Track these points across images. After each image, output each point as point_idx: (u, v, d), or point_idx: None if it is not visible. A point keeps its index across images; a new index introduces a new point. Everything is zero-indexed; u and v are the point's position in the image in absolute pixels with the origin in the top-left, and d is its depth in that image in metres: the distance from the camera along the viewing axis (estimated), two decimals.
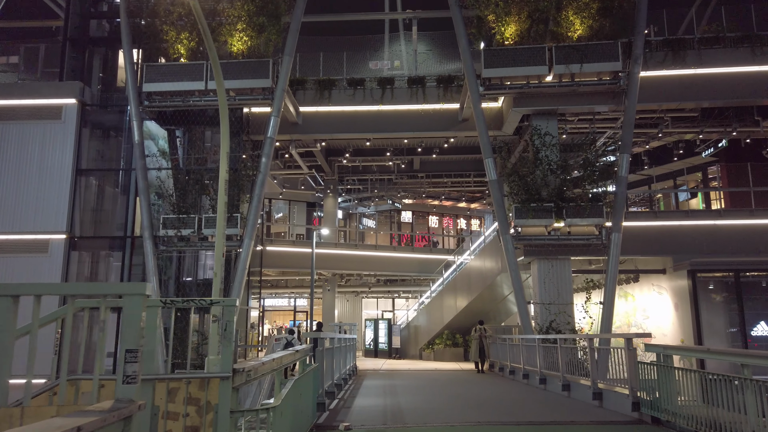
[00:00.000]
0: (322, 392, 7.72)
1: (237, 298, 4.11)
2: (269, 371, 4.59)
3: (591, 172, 16.92)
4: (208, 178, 18.57)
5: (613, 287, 16.28)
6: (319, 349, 7.55)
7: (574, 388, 10.67)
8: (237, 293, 17.32)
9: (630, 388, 7.90)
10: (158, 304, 3.51)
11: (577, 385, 10.53)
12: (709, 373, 5.95)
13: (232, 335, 3.41)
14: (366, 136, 21.22)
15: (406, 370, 19.09)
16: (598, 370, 9.46)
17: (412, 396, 11.32)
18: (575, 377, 10.74)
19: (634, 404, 7.75)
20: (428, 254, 28.23)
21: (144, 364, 3.47)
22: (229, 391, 3.43)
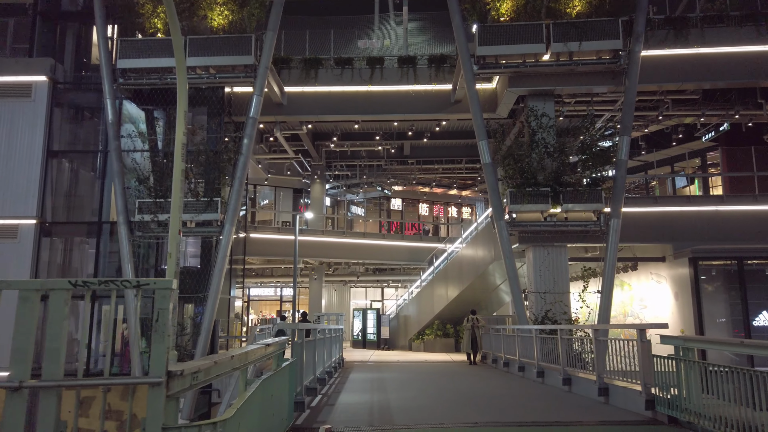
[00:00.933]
0: (302, 389, 6.91)
1: (173, 279, 3.39)
2: (228, 370, 3.73)
3: (589, 155, 16.14)
4: (188, 161, 17.57)
5: (611, 275, 15.59)
6: (297, 341, 6.72)
7: (575, 383, 9.94)
8: (217, 282, 16.45)
9: (643, 384, 7.15)
10: (65, 287, 2.64)
11: (579, 380, 9.80)
12: (744, 369, 5.18)
13: (166, 328, 2.54)
14: (354, 118, 20.31)
15: (395, 362, 18.33)
16: (603, 363, 8.70)
17: (401, 391, 10.54)
18: (577, 371, 10.00)
19: (648, 402, 7.00)
20: (418, 242, 27.43)
21: (49, 364, 2.60)
22: (161, 402, 2.58)
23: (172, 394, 2.70)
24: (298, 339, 6.93)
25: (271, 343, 5.10)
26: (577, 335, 13.82)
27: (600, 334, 8.89)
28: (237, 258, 21.58)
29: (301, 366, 6.90)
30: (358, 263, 29.12)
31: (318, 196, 27.27)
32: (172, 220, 7.15)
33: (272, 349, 5.44)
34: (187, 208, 16.79)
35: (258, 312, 36.43)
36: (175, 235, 6.97)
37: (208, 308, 16.30)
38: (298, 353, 6.83)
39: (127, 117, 18.79)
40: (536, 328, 12.40)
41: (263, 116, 19.79)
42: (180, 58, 7.47)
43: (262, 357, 4.95)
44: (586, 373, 9.53)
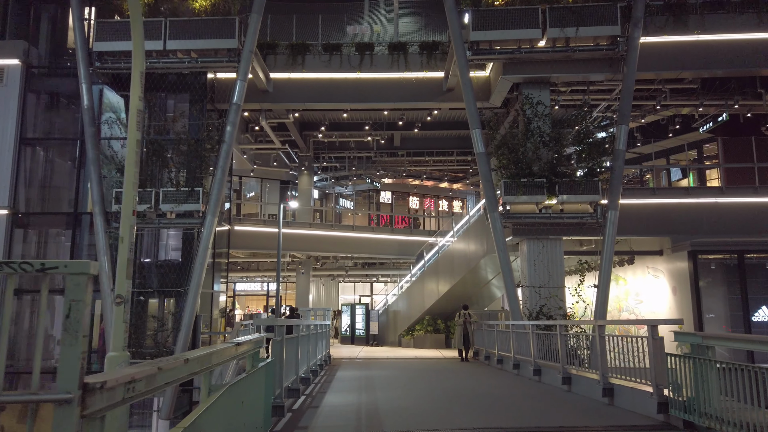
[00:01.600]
0: (281, 392, 6.25)
1: (89, 262, 2.86)
2: (183, 376, 3.07)
3: (585, 145, 15.59)
4: (169, 150, 16.81)
5: (608, 269, 15.07)
6: (276, 339, 6.06)
7: (575, 382, 9.36)
8: (199, 275, 15.72)
9: (655, 385, 6.56)
10: None
11: (579, 379, 9.22)
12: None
13: (80, 327, 1.87)
14: (343, 106, 19.60)
15: (384, 359, 17.72)
16: (606, 361, 8.12)
17: (391, 390, 9.91)
18: (578, 370, 9.43)
19: (661, 405, 6.42)
20: (408, 236, 26.80)
21: None
22: (72, 425, 1.91)
23: (92, 413, 2.03)
24: (277, 336, 6.27)
25: (243, 342, 4.43)
26: (575, 331, 13.31)
27: (603, 331, 8.30)
28: (221, 251, 20.86)
29: (280, 366, 6.25)
30: (347, 257, 28.46)
31: (305, 188, 26.55)
32: (125, 197, 6.38)
33: (245, 348, 4.78)
34: (167, 198, 16.06)
35: (245, 307, 35.66)
36: (128, 216, 6.23)
37: (188, 303, 15.58)
38: (278, 352, 6.18)
39: (108, 106, 18.01)
40: (534, 323, 11.81)
41: (248, 103, 19.05)
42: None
43: (232, 358, 4.29)
44: (587, 372, 8.95)
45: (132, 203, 6.24)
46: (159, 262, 18.89)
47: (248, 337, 5.23)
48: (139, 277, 18.11)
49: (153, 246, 19.24)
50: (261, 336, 5.33)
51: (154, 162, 16.51)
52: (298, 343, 8.00)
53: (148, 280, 18.03)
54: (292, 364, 7.67)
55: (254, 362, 5.33)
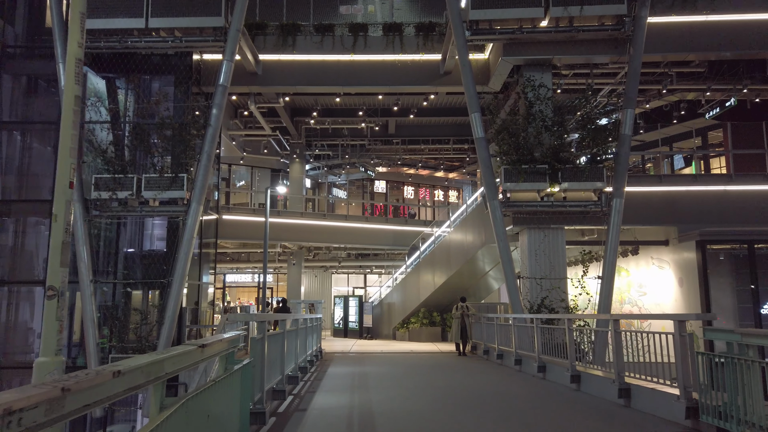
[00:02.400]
0: (263, 396, 5.48)
1: None
2: (101, 400, 2.29)
3: (589, 130, 14.85)
4: (153, 135, 15.95)
5: (613, 259, 14.40)
6: (255, 337, 5.29)
7: (586, 381, 8.67)
8: (183, 266, 14.93)
9: (682, 387, 5.86)
10: None
11: (590, 377, 8.53)
12: None
13: None
14: (335, 90, 18.76)
15: (378, 353, 17.01)
16: (623, 359, 7.41)
17: (386, 390, 9.19)
18: (587, 367, 8.73)
19: (690, 410, 5.72)
20: (403, 226, 26.03)
21: None
22: None
23: None
24: (258, 334, 5.52)
25: (211, 343, 3.67)
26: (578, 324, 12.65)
27: (618, 325, 7.59)
28: (208, 241, 20.06)
29: (261, 368, 5.51)
30: (340, 248, 27.70)
31: (297, 176, 25.71)
32: (60, 167, 5.53)
33: (216, 350, 4.02)
34: (150, 185, 15.24)
35: (236, 299, 34.86)
36: (64, 190, 5.41)
37: (172, 295, 14.80)
38: (258, 352, 5.43)
39: (93, 91, 17.11)
40: (539, 317, 11.10)
41: (236, 86, 18.21)
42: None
43: (196, 362, 3.53)
44: (597, 370, 8.24)
45: (68, 174, 5.42)
46: (143, 252, 18.16)
47: (226, 334, 4.47)
48: (122, 268, 17.38)
49: (137, 235, 18.48)
50: (236, 334, 4.58)
51: (136, 147, 15.66)
52: (285, 339, 7.26)
53: (132, 271, 17.31)
54: (276, 364, 6.94)
55: (228, 365, 4.58)
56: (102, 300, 16.56)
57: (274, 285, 33.61)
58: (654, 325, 15.75)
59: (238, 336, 4.62)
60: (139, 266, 17.60)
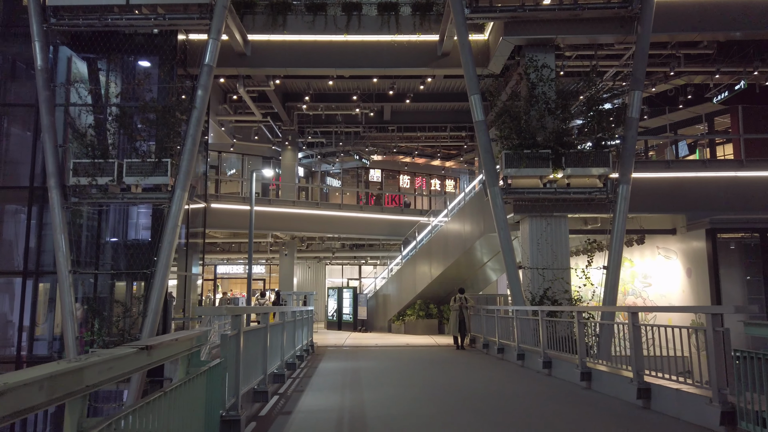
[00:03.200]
0: (237, 401, 4.72)
1: None
2: None
3: (595, 113, 14.10)
4: (134, 117, 15.13)
5: (619, 249, 13.71)
6: (227, 333, 4.52)
7: (598, 379, 7.97)
8: (167, 255, 14.16)
9: (716, 389, 5.16)
10: None
11: (603, 376, 7.83)
12: None
13: None
14: (328, 72, 17.93)
15: (373, 347, 16.32)
16: (642, 356, 6.71)
17: (381, 388, 8.48)
18: (600, 365, 8.02)
19: (726, 415, 5.03)
20: (399, 215, 25.28)
21: None
22: None
23: None
24: (232, 329, 4.77)
25: (157, 344, 2.93)
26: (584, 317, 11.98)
27: (637, 319, 6.87)
28: (196, 231, 19.28)
29: (236, 368, 4.77)
30: (334, 238, 26.94)
31: (289, 164, 24.88)
32: None
33: (171, 351, 3.27)
34: (132, 171, 14.45)
35: (228, 290, 34.09)
36: None
37: (155, 286, 14.04)
38: (231, 351, 4.68)
39: (77, 76, 16.26)
40: (549, 309, 10.40)
41: (224, 68, 17.40)
42: None
43: (138, 369, 2.79)
44: (618, 369, 7.48)
45: None
46: (128, 242, 17.39)
47: (187, 332, 3.72)
48: (105, 258, 16.64)
49: (121, 224, 17.71)
50: (200, 331, 3.84)
51: (117, 130, 14.82)
52: (267, 335, 6.52)
53: (116, 261, 16.59)
54: (257, 362, 6.20)
55: (192, 367, 3.83)
56: (87, 292, 15.86)
57: (266, 276, 32.87)
58: (659, 318, 15.12)
59: (203, 333, 3.88)
60: (124, 256, 16.87)
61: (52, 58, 15.98)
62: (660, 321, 15.02)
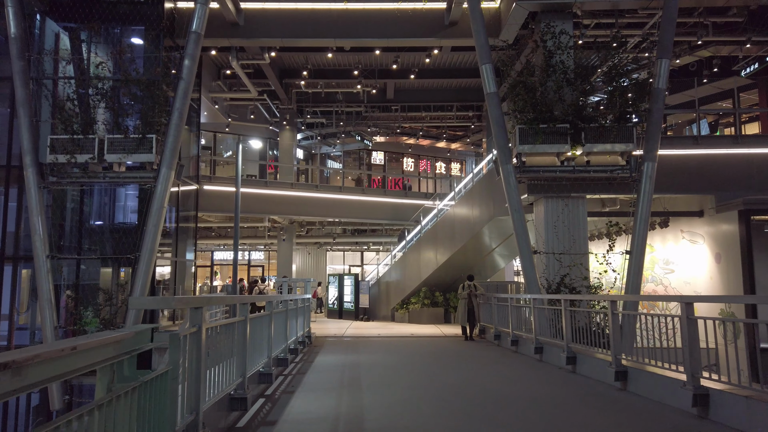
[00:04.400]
0: (197, 419, 3.63)
1: None
2: None
3: (618, 84, 12.89)
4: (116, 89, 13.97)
5: (643, 232, 12.59)
6: (176, 332, 3.38)
7: (636, 379, 6.85)
8: (152, 239, 13.09)
9: None
10: None
11: (642, 376, 6.72)
12: None
13: None
14: (327, 43, 16.68)
15: (375, 337, 15.26)
16: (698, 356, 5.59)
17: (383, 390, 7.40)
18: (639, 363, 6.88)
19: None
20: (403, 198, 24.10)
21: None
22: None
23: None
24: (191, 326, 3.65)
25: (24, 359, 1.82)
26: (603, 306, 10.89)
27: (692, 310, 5.75)
28: (189, 214, 18.19)
29: (196, 377, 3.65)
30: (335, 222, 25.81)
31: (288, 144, 23.68)
32: None
33: (55, 369, 2.15)
34: (114, 147, 13.35)
35: (226, 278, 33.05)
36: None
37: (140, 272, 12.98)
38: (192, 355, 3.55)
39: (65, 53, 15.14)
40: (567, 297, 9.27)
41: (215, 38, 16.22)
42: None
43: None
44: (665, 370, 6.31)
45: None
46: (115, 225, 16.34)
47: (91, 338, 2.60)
48: (90, 243, 15.59)
49: (108, 206, 16.63)
50: (128, 332, 2.73)
51: (95, 101, 13.66)
52: (246, 330, 5.40)
53: (102, 246, 15.54)
54: (231, 364, 5.09)
55: (119, 382, 2.72)
56: (71, 279, 14.86)
57: (265, 263, 31.83)
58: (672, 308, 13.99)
59: (132, 335, 2.77)
60: (110, 241, 15.83)
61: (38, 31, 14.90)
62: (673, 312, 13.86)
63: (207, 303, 3.87)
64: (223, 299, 4.84)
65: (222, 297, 5.40)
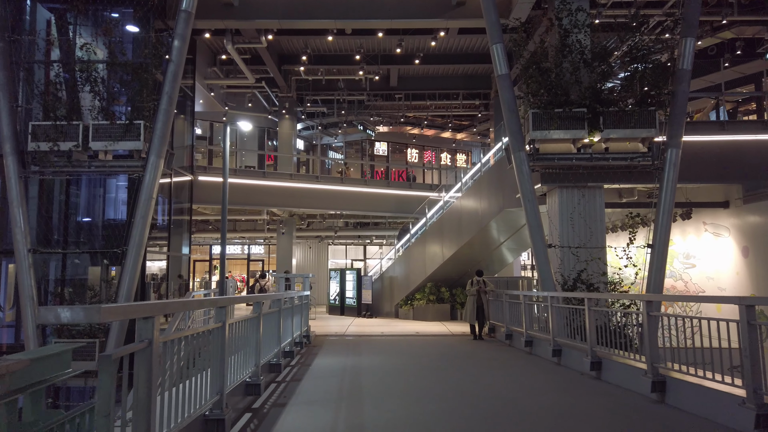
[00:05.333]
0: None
1: None
2: None
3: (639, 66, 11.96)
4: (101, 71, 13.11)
5: (667, 223, 11.72)
6: (105, 355, 2.51)
7: (675, 390, 5.99)
8: (140, 232, 12.24)
9: None
10: None
11: (683, 387, 5.86)
12: None
13: None
14: (327, 24, 15.75)
15: (378, 336, 14.43)
16: (759, 368, 4.72)
17: (388, 402, 6.56)
18: (681, 373, 6.01)
19: None
20: (407, 190, 23.20)
21: None
22: None
23: None
24: (139, 339, 2.79)
25: None
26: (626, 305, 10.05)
27: (753, 313, 4.87)
28: (183, 207, 17.37)
29: (145, 407, 2.80)
30: (336, 215, 24.94)
31: (287, 133, 22.78)
32: None
33: None
34: (99, 134, 12.51)
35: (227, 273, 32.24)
36: None
37: (128, 267, 12.15)
38: (141, 378, 2.70)
39: (50, 35, 14.32)
40: (589, 295, 8.39)
41: (209, 20, 15.32)
42: None
43: None
44: (702, 378, 5.51)
45: None
46: (107, 221, 15.56)
47: None
48: (78, 237, 14.83)
49: (98, 200, 15.83)
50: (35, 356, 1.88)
51: (83, 88, 12.82)
52: (224, 338, 4.52)
53: (91, 240, 14.79)
54: (205, 381, 4.24)
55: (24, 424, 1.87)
56: (56, 275, 14.10)
57: (265, 257, 31.01)
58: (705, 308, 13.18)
59: (26, 363, 1.92)
60: (99, 235, 15.06)
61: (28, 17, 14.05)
62: (705, 310, 13.00)
63: (159, 311, 3.01)
64: (186, 304, 3.98)
65: (186, 302, 4.49)
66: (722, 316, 5.47)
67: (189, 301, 4.71)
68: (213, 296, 15.99)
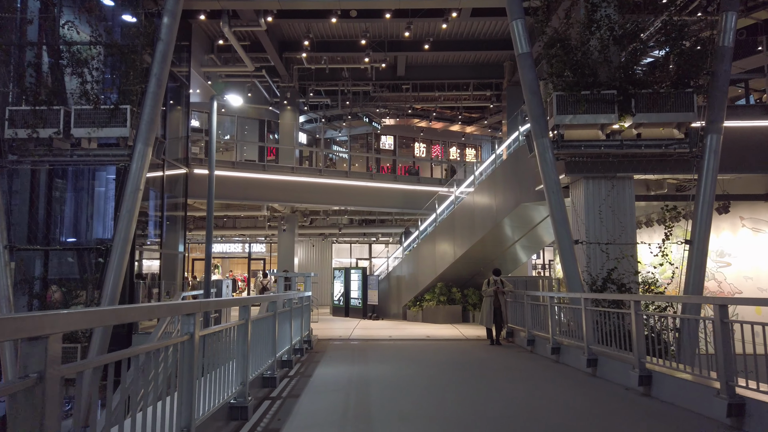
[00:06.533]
0: None
1: None
2: None
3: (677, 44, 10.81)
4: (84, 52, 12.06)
5: (707, 217, 10.62)
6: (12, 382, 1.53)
7: (754, 412, 4.87)
8: (126, 226, 11.17)
9: None
10: None
11: (763, 408, 4.74)
12: None
13: None
14: (330, 4, 14.67)
15: (386, 341, 13.33)
16: None
17: (402, 425, 5.46)
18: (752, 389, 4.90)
19: None
20: (415, 185, 22.07)
21: None
22: None
23: None
24: (20, 381, 1.77)
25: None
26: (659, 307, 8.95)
27: None
28: (177, 201, 16.31)
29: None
30: (340, 211, 23.83)
31: (289, 125, 21.68)
32: None
33: None
34: (82, 120, 11.50)
35: (227, 272, 31.20)
36: None
37: (112, 265, 11.10)
38: None
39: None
40: (636, 298, 7.24)
41: (203, 0, 14.25)
42: None
43: None
44: None
45: None
46: (95, 212, 14.61)
47: None
48: (63, 232, 13.86)
49: (86, 194, 14.84)
50: None
51: (65, 70, 11.79)
52: (194, 355, 3.45)
53: (80, 236, 13.86)
54: (168, 410, 3.17)
55: None
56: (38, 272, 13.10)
57: (266, 256, 29.92)
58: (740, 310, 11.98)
59: None
60: (89, 230, 14.11)
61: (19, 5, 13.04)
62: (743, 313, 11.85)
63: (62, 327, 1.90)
64: (127, 313, 2.93)
65: (128, 309, 3.27)
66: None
67: (137, 307, 3.58)
68: (199, 299, 14.94)
